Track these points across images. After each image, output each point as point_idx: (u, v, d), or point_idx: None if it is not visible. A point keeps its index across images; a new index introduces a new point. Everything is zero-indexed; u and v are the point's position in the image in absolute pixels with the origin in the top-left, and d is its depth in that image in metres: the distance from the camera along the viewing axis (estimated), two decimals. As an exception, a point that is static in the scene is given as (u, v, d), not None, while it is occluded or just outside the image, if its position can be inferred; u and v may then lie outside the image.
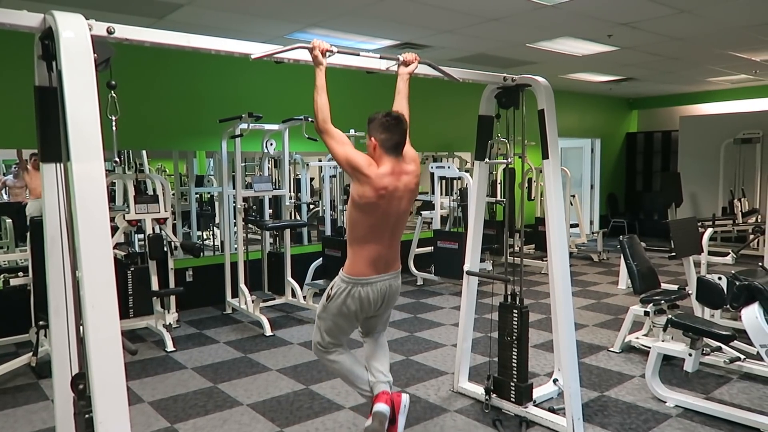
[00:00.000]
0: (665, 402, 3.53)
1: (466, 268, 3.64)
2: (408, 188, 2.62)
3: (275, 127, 5.84)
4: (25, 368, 4.14)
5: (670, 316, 3.69)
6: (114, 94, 2.11)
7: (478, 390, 3.59)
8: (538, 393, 3.47)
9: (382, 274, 2.62)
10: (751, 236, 7.91)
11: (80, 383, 1.89)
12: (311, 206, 8.41)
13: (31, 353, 4.10)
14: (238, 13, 4.83)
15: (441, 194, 7.30)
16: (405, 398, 2.71)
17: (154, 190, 5.34)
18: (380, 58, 2.78)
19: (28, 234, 4.38)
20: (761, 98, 9.65)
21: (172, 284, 5.12)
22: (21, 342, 4.69)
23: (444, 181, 8.39)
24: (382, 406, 2.61)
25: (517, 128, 3.34)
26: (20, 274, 4.39)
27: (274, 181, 6.45)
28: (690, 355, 3.42)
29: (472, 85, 3.38)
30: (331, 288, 2.66)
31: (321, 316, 2.72)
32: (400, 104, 2.79)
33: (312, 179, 8.70)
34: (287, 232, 5.81)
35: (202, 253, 5.41)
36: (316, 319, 2.77)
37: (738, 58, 7.17)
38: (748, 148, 9.26)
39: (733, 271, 3.37)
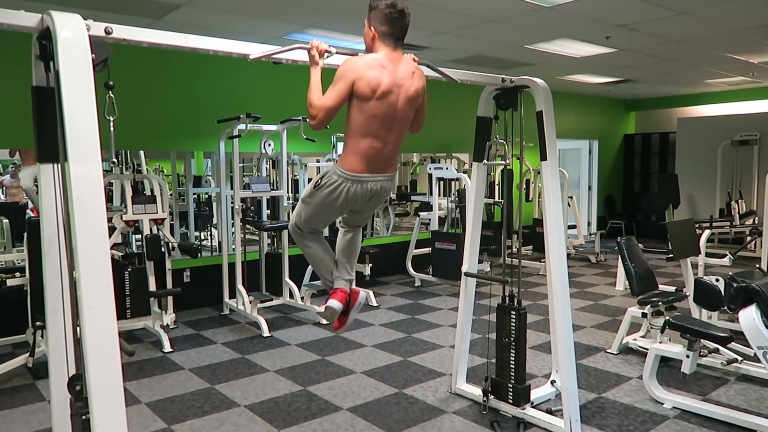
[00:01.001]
0: (663, 403, 3.53)
1: (464, 269, 3.64)
2: (407, 94, 2.51)
3: (273, 127, 5.83)
4: (22, 369, 4.12)
5: (667, 317, 3.69)
6: (112, 95, 2.10)
7: (475, 391, 3.59)
8: (535, 394, 3.47)
9: (375, 173, 2.54)
10: (749, 238, 7.92)
11: (77, 384, 1.88)
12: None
13: (28, 354, 4.09)
14: (236, 14, 4.83)
15: (439, 195, 7.30)
16: (362, 296, 2.83)
17: (152, 191, 5.33)
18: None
19: (25, 234, 4.37)
20: (758, 100, 9.67)
21: (169, 285, 5.11)
22: (18, 342, 4.68)
23: (442, 182, 8.39)
24: (335, 303, 2.71)
25: (516, 129, 3.34)
26: (17, 274, 4.38)
27: (271, 181, 6.45)
28: (687, 356, 3.42)
29: (470, 86, 3.38)
30: (322, 177, 2.59)
31: (305, 201, 2.66)
32: None
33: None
34: (285, 233, 5.80)
35: (199, 254, 5.39)
36: (299, 203, 2.71)
37: (735, 60, 7.19)
38: (745, 149, 9.28)
39: (730, 273, 3.38)
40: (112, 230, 4.70)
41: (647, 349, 3.75)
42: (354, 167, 2.50)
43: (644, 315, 4.18)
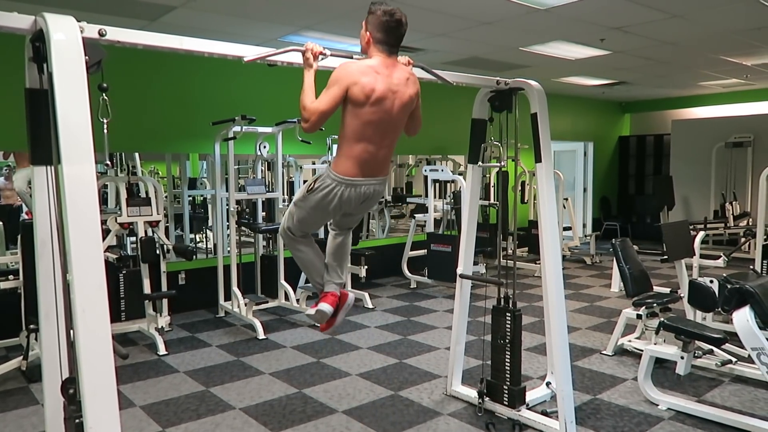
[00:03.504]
0: (657, 405, 3.54)
1: (459, 271, 3.64)
2: (401, 100, 2.52)
3: (268, 129, 5.83)
4: (16, 372, 4.10)
5: (662, 319, 3.70)
6: (106, 97, 2.10)
7: (471, 393, 3.59)
8: (531, 396, 3.48)
9: (368, 177, 2.56)
10: (743, 239, 7.94)
11: (71, 387, 1.87)
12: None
13: (21, 357, 4.07)
14: (231, 16, 4.83)
15: (435, 197, 7.30)
16: (350, 298, 2.90)
17: (147, 193, 5.31)
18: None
19: (19, 237, 4.35)
20: (752, 102, 9.72)
21: (164, 287, 5.09)
22: (11, 345, 4.65)
23: (437, 184, 8.40)
24: (326, 306, 2.76)
25: (510, 131, 3.34)
26: (11, 277, 4.35)
27: (267, 183, 6.44)
28: (682, 358, 3.44)
29: (465, 88, 3.39)
30: (315, 180, 2.59)
31: (298, 204, 2.67)
32: None
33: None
34: (280, 235, 5.79)
35: (194, 256, 5.37)
36: (291, 206, 2.72)
37: (729, 62, 7.23)
38: (739, 151, 9.33)
39: (724, 275, 3.39)
40: (106, 232, 4.68)
41: (642, 351, 3.76)
42: (348, 171, 2.51)
43: (639, 316, 4.19)
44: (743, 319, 3.03)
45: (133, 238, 5.53)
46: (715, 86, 9.31)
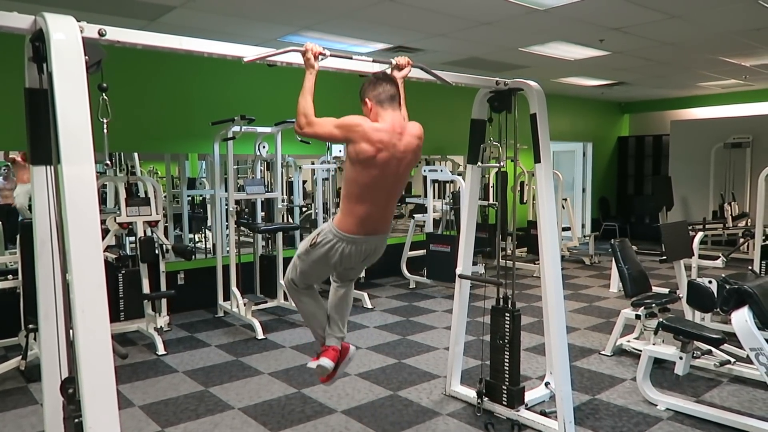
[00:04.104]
0: (656, 405, 3.54)
1: (458, 271, 3.64)
2: (408, 149, 2.55)
3: (268, 129, 5.83)
4: (14, 372, 4.10)
5: (661, 319, 3.70)
6: (105, 97, 2.10)
7: (470, 393, 3.59)
8: (529, 396, 3.48)
9: (370, 235, 2.58)
10: (741, 240, 7.96)
11: (70, 387, 1.87)
12: (304, 209, 8.39)
13: (20, 357, 4.07)
14: (231, 16, 4.83)
15: (434, 197, 7.30)
16: (351, 351, 2.90)
17: (146, 193, 5.31)
18: (373, 61, 2.77)
19: (18, 236, 4.35)
20: (751, 103, 9.73)
21: (163, 287, 5.09)
22: (10, 345, 4.65)
23: (437, 185, 8.39)
24: (327, 362, 2.77)
25: (510, 132, 3.34)
26: (9, 276, 4.35)
27: (266, 183, 6.44)
28: (681, 358, 3.44)
29: (464, 88, 3.39)
30: (318, 235, 2.62)
31: (301, 257, 2.69)
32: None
33: (304, 182, 8.67)
34: (279, 235, 5.79)
35: (193, 256, 5.37)
36: (295, 257, 2.74)
37: (728, 63, 7.23)
38: (738, 152, 9.34)
39: (723, 275, 3.40)
40: (105, 232, 4.68)
41: (641, 351, 3.77)
42: (350, 229, 2.54)
43: (638, 317, 4.20)
44: (742, 319, 3.03)
45: (132, 238, 5.53)
46: (714, 87, 9.32)
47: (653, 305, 4.17)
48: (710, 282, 3.77)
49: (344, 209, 2.56)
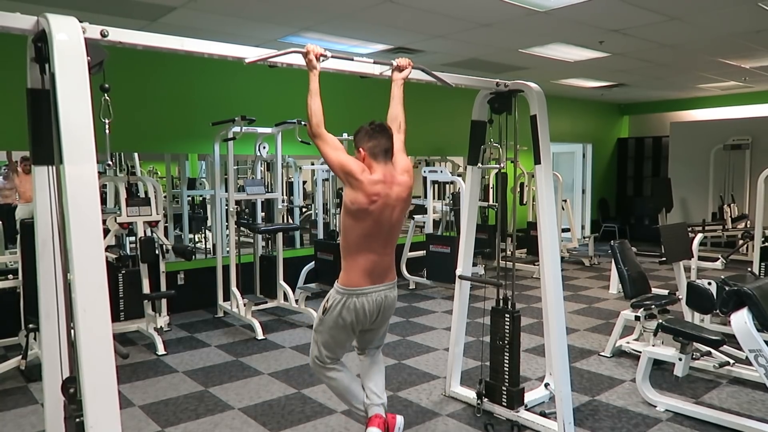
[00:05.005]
0: (655, 406, 3.55)
1: (458, 272, 3.65)
2: (400, 198, 2.62)
3: (268, 130, 5.83)
4: (15, 371, 4.10)
5: (660, 320, 3.71)
6: (107, 97, 2.11)
7: (469, 394, 3.60)
8: (529, 397, 3.48)
9: (377, 284, 2.62)
10: (741, 241, 7.97)
11: (71, 387, 1.88)
12: (304, 210, 8.39)
13: (20, 356, 4.07)
14: (232, 17, 4.83)
15: (434, 198, 7.31)
16: (399, 421, 2.80)
17: (146, 193, 5.31)
18: (374, 63, 2.78)
19: (18, 236, 4.35)
20: (750, 105, 9.75)
21: (163, 287, 5.09)
22: (10, 345, 4.66)
23: (436, 185, 8.40)
24: (375, 430, 2.68)
25: (510, 133, 3.35)
26: (10, 276, 4.35)
27: (266, 184, 6.44)
28: (680, 359, 3.45)
29: (464, 90, 3.40)
30: (327, 301, 2.66)
31: (318, 330, 2.72)
32: (396, 109, 2.81)
33: (305, 182, 8.68)
34: (279, 236, 5.79)
35: (193, 256, 5.38)
36: (313, 333, 2.76)
37: (728, 65, 7.24)
38: (737, 154, 9.35)
39: (722, 276, 3.40)
40: (106, 232, 4.68)
41: (640, 352, 3.77)
42: (354, 282, 2.58)
43: (637, 318, 4.20)
44: (741, 321, 3.04)
45: (133, 238, 5.53)
46: (713, 89, 9.33)
47: (653, 306, 4.17)
48: (710, 283, 3.76)
49: (345, 266, 2.62)
